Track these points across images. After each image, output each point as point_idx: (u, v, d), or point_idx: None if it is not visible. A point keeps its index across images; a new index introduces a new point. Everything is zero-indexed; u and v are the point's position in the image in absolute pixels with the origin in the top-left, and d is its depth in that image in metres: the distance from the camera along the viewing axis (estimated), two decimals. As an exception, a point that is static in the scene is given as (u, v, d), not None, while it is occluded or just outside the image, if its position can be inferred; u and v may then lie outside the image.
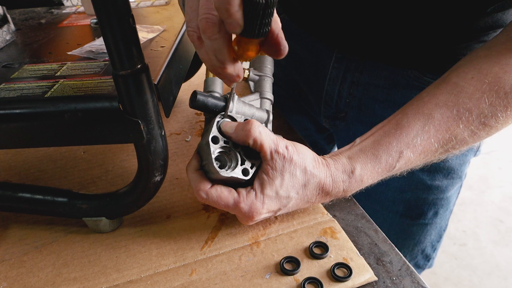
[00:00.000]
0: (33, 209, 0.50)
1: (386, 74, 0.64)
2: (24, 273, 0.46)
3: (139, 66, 0.38)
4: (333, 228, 0.50)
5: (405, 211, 0.73)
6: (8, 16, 0.60)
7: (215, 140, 0.44)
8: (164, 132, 0.44)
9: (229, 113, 0.46)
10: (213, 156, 0.43)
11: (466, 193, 2.04)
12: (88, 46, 0.52)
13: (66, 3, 0.74)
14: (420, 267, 0.83)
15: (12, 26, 0.61)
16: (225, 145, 0.44)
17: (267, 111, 0.51)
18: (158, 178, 0.46)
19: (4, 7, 0.59)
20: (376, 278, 0.44)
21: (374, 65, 0.64)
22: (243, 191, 0.44)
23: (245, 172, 0.44)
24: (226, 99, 0.47)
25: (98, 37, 0.57)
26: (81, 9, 0.70)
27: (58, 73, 0.46)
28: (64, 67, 0.48)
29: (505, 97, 0.44)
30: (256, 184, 0.44)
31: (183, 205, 0.55)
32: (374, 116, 0.68)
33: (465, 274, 1.65)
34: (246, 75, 0.54)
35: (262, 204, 0.44)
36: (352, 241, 0.48)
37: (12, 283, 0.45)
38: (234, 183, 0.45)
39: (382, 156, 0.46)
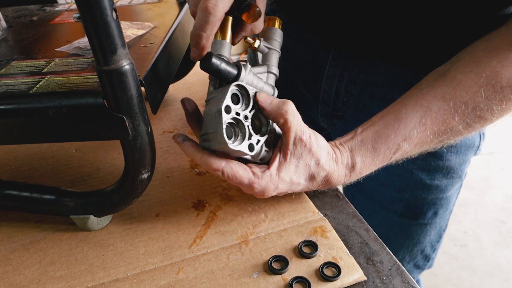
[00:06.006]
0: (20, 206, 0.50)
1: (384, 72, 0.63)
2: (10, 271, 0.46)
3: (123, 61, 0.37)
4: (323, 227, 0.49)
5: (404, 211, 0.72)
6: (0, 13, 0.60)
7: (227, 109, 0.43)
8: (151, 129, 0.43)
9: (241, 83, 0.44)
10: (224, 127, 0.42)
11: (467, 193, 2.02)
12: (77, 43, 0.51)
13: (59, 1, 0.73)
14: (419, 268, 0.82)
15: (3, 23, 0.61)
16: (235, 116, 0.43)
17: (273, 87, 0.50)
18: (145, 176, 0.45)
19: (-5, 4, 0.59)
20: (365, 278, 0.43)
21: (371, 63, 0.63)
22: (257, 171, 0.45)
23: (250, 147, 0.44)
24: (238, 67, 0.45)
25: (88, 33, 0.56)
26: (74, 6, 0.70)
27: (45, 70, 0.46)
28: (52, 63, 0.48)
29: (501, 91, 0.45)
30: (273, 166, 0.46)
31: (173, 204, 0.54)
32: (372, 114, 0.66)
33: (465, 275, 1.64)
34: (256, 45, 0.51)
35: (275, 186, 0.46)
36: (343, 240, 0.48)
37: (-2, 281, 0.45)
38: (234, 156, 0.44)
39: (381, 149, 0.49)
